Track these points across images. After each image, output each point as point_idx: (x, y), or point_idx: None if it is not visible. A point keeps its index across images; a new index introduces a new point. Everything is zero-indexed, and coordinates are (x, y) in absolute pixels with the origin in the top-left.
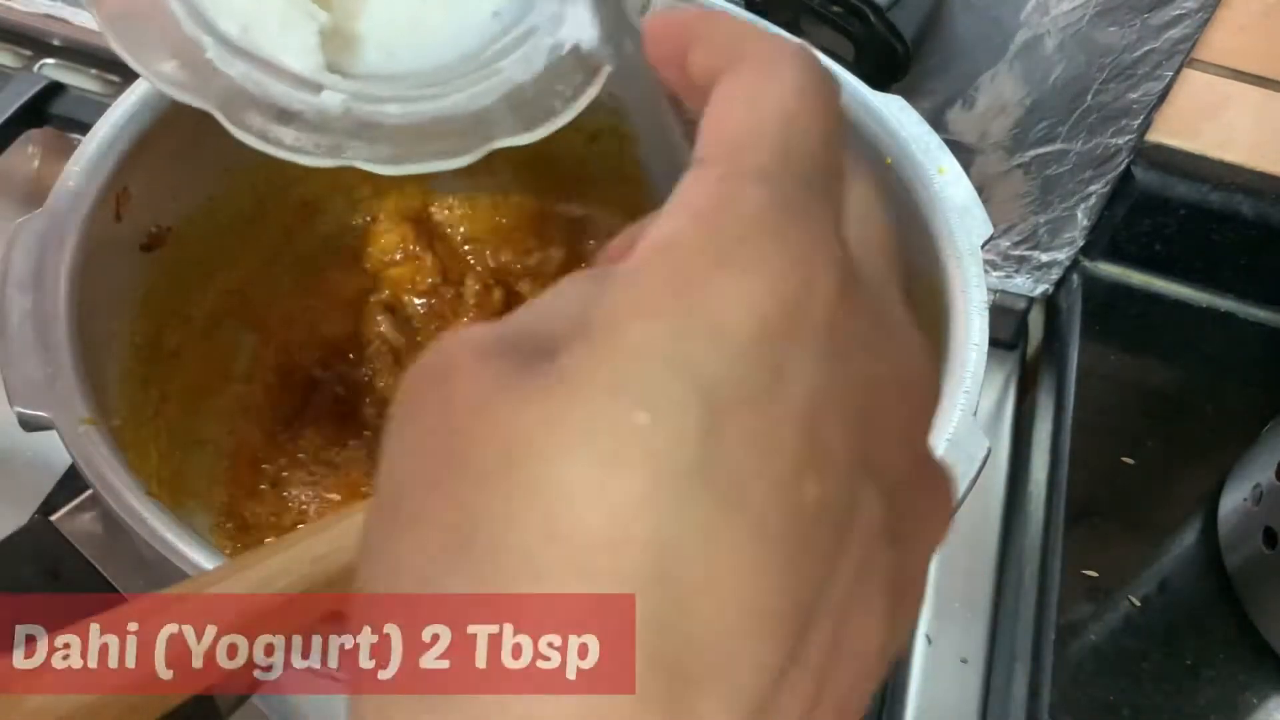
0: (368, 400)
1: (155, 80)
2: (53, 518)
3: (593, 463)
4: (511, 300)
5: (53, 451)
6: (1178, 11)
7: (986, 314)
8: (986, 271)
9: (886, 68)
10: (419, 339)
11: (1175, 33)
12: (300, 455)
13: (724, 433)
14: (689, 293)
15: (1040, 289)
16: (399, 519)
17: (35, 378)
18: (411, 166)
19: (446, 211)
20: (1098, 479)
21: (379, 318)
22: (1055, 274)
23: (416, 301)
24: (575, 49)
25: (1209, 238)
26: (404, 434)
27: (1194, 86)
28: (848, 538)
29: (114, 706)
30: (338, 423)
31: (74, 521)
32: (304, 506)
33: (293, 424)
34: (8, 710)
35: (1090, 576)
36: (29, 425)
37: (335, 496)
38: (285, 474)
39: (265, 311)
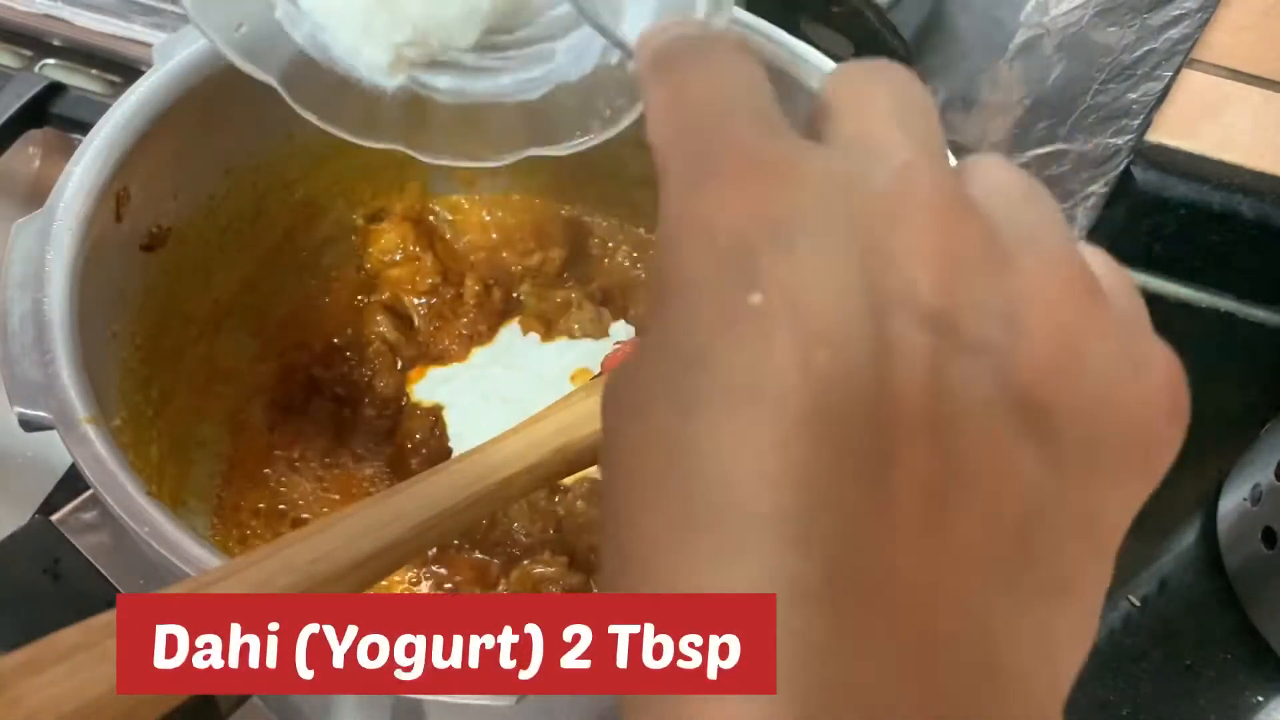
0: (367, 400)
1: (224, 48)
2: (53, 518)
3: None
4: (511, 301)
5: (53, 451)
6: (1178, 11)
7: None
8: None
9: None
10: (419, 339)
11: (1175, 33)
12: (300, 455)
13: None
14: None
15: None
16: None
17: (35, 378)
18: (452, 160)
19: (447, 212)
20: None
21: (379, 318)
22: None
23: (416, 301)
24: (624, 61)
25: (1209, 238)
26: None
27: (1194, 86)
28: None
29: (114, 706)
30: (338, 423)
31: (74, 521)
32: (304, 506)
33: (293, 424)
34: (8, 710)
35: None
36: (29, 425)
37: (335, 496)
38: (285, 474)
39: (265, 311)
